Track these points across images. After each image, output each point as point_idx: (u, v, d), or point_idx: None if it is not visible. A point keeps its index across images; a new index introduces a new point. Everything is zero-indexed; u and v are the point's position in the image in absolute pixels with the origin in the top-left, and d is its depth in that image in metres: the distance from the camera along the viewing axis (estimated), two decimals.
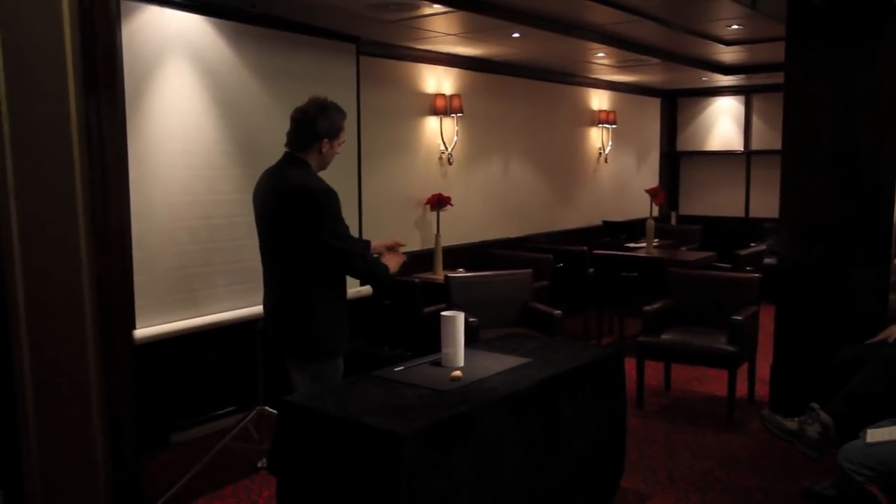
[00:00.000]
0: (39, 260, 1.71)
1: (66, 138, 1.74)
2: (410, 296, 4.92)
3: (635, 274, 6.08)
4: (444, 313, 3.15)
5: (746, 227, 9.03)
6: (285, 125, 3.08)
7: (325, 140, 3.03)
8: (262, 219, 3.10)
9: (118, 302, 1.86)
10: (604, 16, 5.03)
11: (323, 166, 3.11)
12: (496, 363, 3.17)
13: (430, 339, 3.52)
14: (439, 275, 5.61)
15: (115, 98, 1.95)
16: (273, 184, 3.05)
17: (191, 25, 3.83)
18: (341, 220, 2.99)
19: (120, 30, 3.43)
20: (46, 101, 1.73)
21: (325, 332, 3.06)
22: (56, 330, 1.74)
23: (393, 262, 3.19)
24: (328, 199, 2.95)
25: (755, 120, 9.05)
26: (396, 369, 3.11)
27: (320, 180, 3.02)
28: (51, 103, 1.73)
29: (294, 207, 2.94)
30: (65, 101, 1.73)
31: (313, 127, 3.02)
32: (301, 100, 3.10)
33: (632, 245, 7.26)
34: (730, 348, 4.56)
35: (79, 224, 1.74)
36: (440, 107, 6.07)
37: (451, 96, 6.13)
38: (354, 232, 3.66)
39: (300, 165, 3.04)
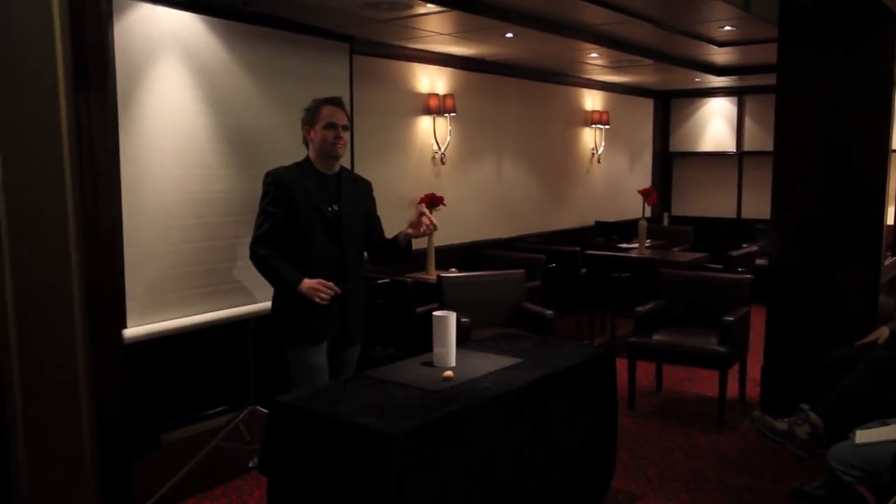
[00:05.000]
0: (28, 259, 1.70)
1: (56, 137, 1.73)
2: (402, 295, 4.91)
3: (627, 274, 6.09)
4: (436, 313, 3.14)
5: (738, 229, 9.06)
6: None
7: (307, 127, 3.28)
8: None
9: (107, 301, 1.85)
10: (597, 16, 5.04)
11: (321, 154, 3.27)
12: (488, 363, 3.18)
13: (422, 338, 3.52)
14: (431, 275, 5.61)
15: (105, 97, 1.94)
16: None
17: (183, 23, 3.82)
18: (267, 203, 3.19)
19: (112, 28, 3.42)
20: (36, 99, 1.72)
21: (280, 315, 3.32)
22: (44, 329, 1.73)
23: (307, 288, 3.15)
24: (265, 181, 3.24)
25: (748, 121, 9.08)
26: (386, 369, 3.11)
27: (286, 167, 3.27)
28: (41, 102, 1.72)
29: None
30: (55, 99, 1.72)
31: (301, 124, 3.32)
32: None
33: (624, 245, 7.28)
34: (721, 349, 4.57)
35: (68, 223, 1.73)
36: (433, 106, 6.07)
37: (445, 96, 6.13)
38: None
39: (301, 159, 3.34)
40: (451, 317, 3.14)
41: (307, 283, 3.13)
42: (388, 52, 5.67)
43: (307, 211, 3.20)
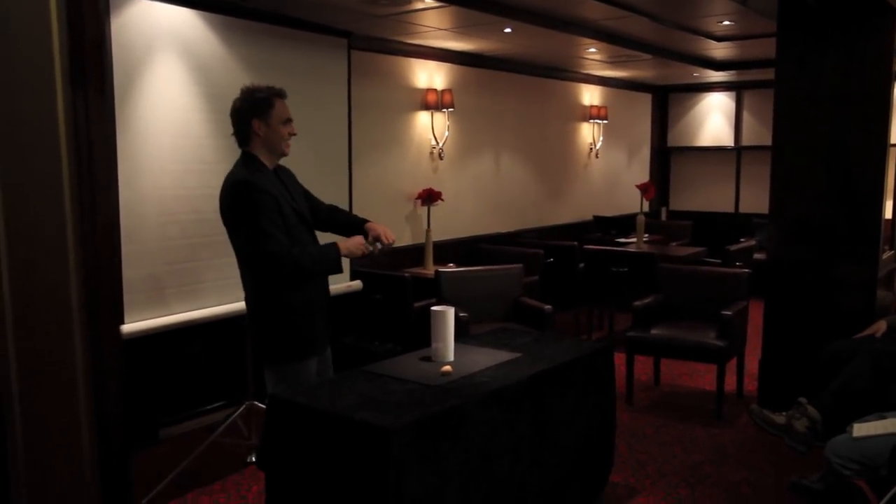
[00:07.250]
0: (26, 255, 1.71)
1: (54, 134, 1.73)
2: (400, 290, 4.92)
3: (625, 269, 6.09)
4: (434, 308, 3.14)
5: (736, 223, 9.07)
6: None
7: (255, 120, 2.91)
8: None
9: (106, 297, 1.85)
10: (596, 11, 5.04)
11: (275, 152, 2.98)
12: (486, 358, 3.18)
13: (421, 333, 3.52)
14: (429, 269, 5.62)
15: (103, 93, 1.94)
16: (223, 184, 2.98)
17: (181, 19, 3.81)
18: (263, 215, 2.80)
19: (109, 23, 3.41)
20: (33, 96, 1.72)
21: (278, 333, 2.98)
22: (43, 325, 1.74)
23: (353, 245, 2.99)
24: (248, 192, 2.82)
25: (746, 116, 9.08)
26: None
27: (251, 172, 2.89)
28: (38, 99, 1.72)
29: (225, 206, 2.91)
30: (52, 96, 1.72)
31: (240, 114, 2.94)
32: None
33: (622, 240, 7.28)
34: (719, 343, 4.58)
35: (66, 220, 1.74)
36: (431, 102, 6.07)
37: (443, 91, 6.12)
38: None
39: (246, 160, 2.96)
40: (450, 312, 3.14)
41: (343, 244, 2.95)
42: (386, 48, 5.66)
43: (289, 213, 2.93)
